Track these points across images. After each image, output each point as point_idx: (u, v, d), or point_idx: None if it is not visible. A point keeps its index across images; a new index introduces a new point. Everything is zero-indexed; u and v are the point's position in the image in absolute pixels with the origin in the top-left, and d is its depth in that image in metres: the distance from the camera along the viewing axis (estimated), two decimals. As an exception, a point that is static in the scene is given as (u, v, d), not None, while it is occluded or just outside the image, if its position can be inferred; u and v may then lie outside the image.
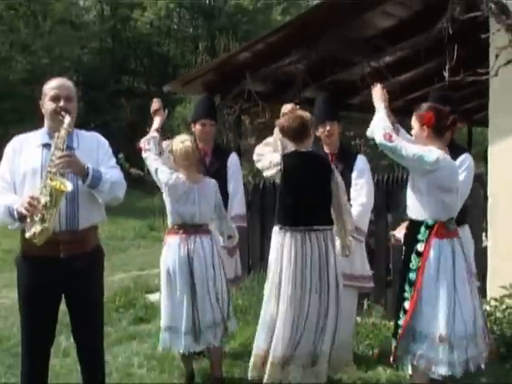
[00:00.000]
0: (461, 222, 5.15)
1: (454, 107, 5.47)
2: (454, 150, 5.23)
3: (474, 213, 5.82)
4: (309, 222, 4.92)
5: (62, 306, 4.14)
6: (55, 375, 5.09)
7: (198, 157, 5.30)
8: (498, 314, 5.72)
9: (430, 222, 4.49)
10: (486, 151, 6.55)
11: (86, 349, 4.20)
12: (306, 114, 5.05)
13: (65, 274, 3.94)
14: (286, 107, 5.25)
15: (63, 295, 4.09)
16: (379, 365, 5.46)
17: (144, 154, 5.27)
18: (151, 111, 5.57)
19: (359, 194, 5.56)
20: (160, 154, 5.31)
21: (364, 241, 5.68)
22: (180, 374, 5.45)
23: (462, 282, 4.47)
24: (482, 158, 5.71)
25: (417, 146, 4.54)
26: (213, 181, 5.29)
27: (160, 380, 5.37)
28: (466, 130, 16.06)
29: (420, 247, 4.47)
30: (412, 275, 4.47)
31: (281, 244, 4.93)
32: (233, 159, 6.09)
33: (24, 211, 3.73)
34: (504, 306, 5.76)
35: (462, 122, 5.26)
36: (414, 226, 4.55)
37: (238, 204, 5.98)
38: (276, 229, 5.03)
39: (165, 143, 5.46)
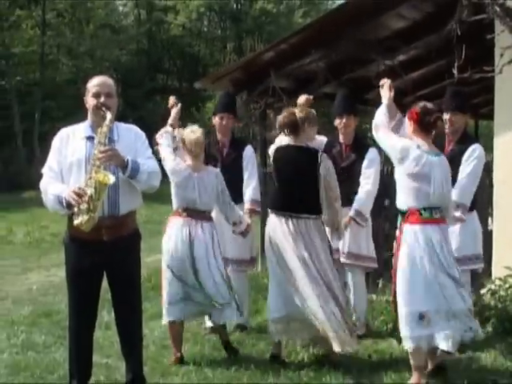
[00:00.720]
0: (470, 208, 5.12)
1: (465, 100, 5.49)
2: (467, 141, 5.21)
3: (481, 199, 5.79)
4: (291, 209, 4.92)
5: (104, 284, 4.18)
6: (99, 347, 5.13)
7: (204, 148, 5.23)
8: (502, 293, 5.71)
9: (404, 210, 4.43)
10: (491, 142, 6.50)
11: (126, 323, 4.23)
12: (301, 112, 5.03)
13: (107, 255, 3.99)
14: (301, 98, 5.25)
15: (105, 274, 4.13)
16: (393, 338, 5.45)
17: (158, 147, 5.24)
18: (169, 106, 5.60)
19: (366, 183, 5.67)
20: (176, 148, 5.27)
21: (365, 225, 5.70)
22: (211, 346, 5.46)
23: (437, 266, 4.33)
24: (487, 149, 5.67)
25: (394, 137, 4.56)
26: (215, 170, 5.30)
27: (192, 351, 5.39)
28: (473, 123, 15.98)
29: (397, 233, 4.46)
30: (393, 260, 4.45)
31: (271, 227, 5.00)
32: (248, 151, 6.12)
33: (72, 201, 3.78)
34: (507, 285, 5.75)
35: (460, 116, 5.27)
36: (396, 214, 4.53)
37: (252, 190, 5.96)
38: (269, 211, 5.12)
39: (177, 131, 5.39)
